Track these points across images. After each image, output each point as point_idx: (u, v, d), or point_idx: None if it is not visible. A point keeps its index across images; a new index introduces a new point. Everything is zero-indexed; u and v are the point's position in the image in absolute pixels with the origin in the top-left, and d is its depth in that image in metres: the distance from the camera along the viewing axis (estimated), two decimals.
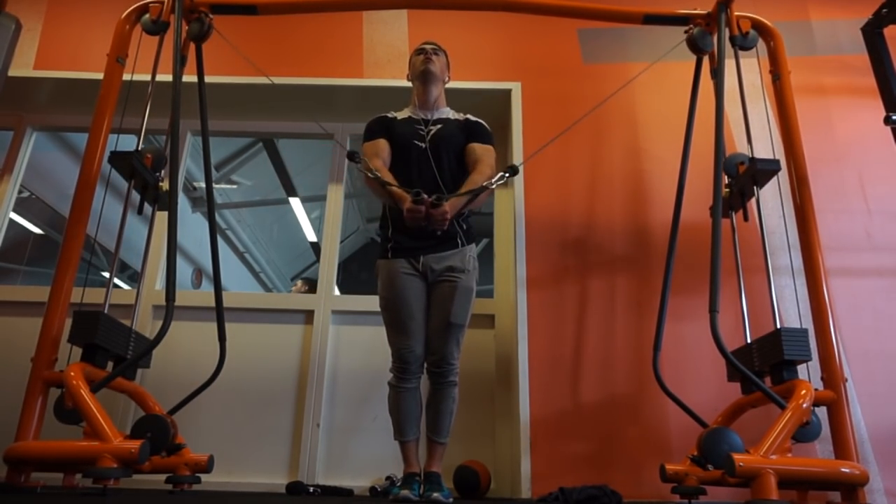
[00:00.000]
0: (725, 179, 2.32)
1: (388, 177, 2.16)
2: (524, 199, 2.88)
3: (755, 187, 2.23)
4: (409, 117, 2.32)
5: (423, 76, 2.31)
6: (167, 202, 2.25)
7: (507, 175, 2.18)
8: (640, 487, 2.41)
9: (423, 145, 2.24)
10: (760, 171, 2.17)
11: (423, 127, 2.29)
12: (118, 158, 2.17)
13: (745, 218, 2.30)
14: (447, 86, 2.43)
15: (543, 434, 2.50)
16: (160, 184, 2.35)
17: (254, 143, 5.19)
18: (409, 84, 2.41)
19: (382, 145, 2.26)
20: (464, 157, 2.28)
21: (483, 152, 2.26)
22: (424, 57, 2.32)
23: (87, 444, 1.74)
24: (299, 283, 3.73)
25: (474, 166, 2.23)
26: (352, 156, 2.14)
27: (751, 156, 2.24)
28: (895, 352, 2.60)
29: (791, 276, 2.57)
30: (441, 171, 2.21)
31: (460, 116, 2.36)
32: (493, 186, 2.16)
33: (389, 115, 2.35)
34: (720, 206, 2.05)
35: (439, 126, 2.28)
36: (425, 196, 2.01)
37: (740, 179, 2.26)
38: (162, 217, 2.34)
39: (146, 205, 2.35)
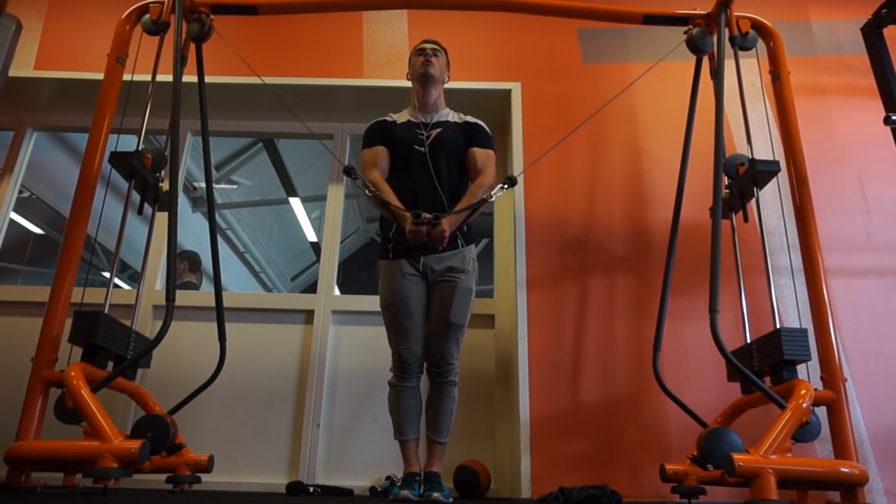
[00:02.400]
0: (725, 180, 2.32)
1: (387, 191, 2.17)
2: (524, 199, 2.88)
3: (755, 188, 2.24)
4: (409, 121, 2.32)
5: (422, 78, 2.30)
6: (167, 202, 2.25)
7: (505, 187, 2.20)
8: (640, 487, 2.41)
9: (423, 150, 2.23)
10: (760, 173, 2.17)
11: (422, 131, 2.28)
12: (118, 158, 2.17)
13: (745, 219, 2.30)
14: (447, 86, 2.43)
15: (543, 434, 2.50)
16: (160, 184, 2.34)
17: (254, 143, 5.19)
18: (409, 84, 2.41)
19: (381, 153, 2.26)
20: (464, 160, 2.28)
21: (484, 158, 2.27)
22: (424, 59, 2.30)
23: (87, 443, 1.74)
24: (182, 263, 3.68)
25: (475, 175, 2.24)
26: (349, 171, 2.16)
27: (750, 157, 2.25)
28: (895, 352, 2.60)
29: (791, 276, 2.57)
30: (440, 176, 2.21)
31: (460, 118, 2.35)
32: (493, 199, 2.18)
33: (388, 118, 2.35)
34: (720, 207, 2.05)
35: (439, 130, 2.28)
36: (426, 215, 2.03)
37: (740, 180, 2.27)
38: (162, 217, 2.34)
39: (146, 205, 2.35)
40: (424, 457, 2.15)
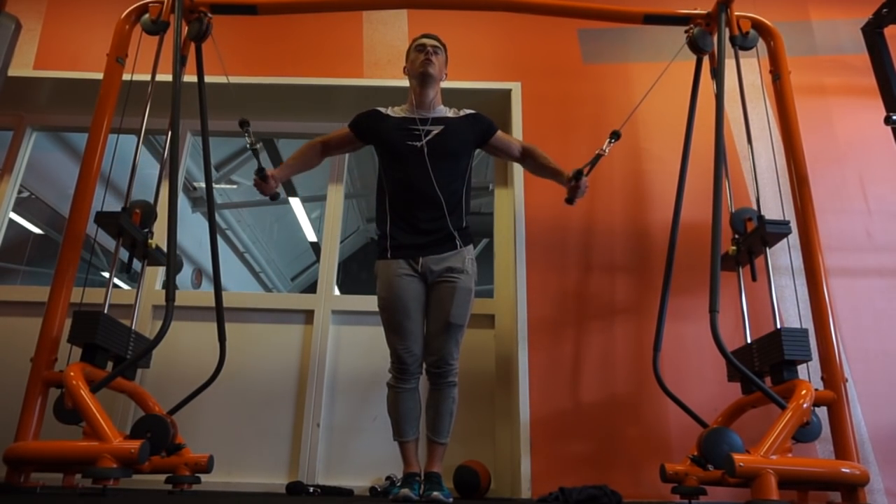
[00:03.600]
0: (731, 232, 2.29)
1: (292, 157, 2.35)
2: (524, 199, 2.88)
3: (765, 248, 2.18)
4: (405, 117, 2.31)
5: (421, 77, 2.28)
6: (157, 258, 2.25)
7: (612, 141, 2.24)
8: (640, 487, 2.41)
9: (419, 145, 2.23)
10: (770, 234, 2.11)
11: (418, 127, 2.27)
12: (105, 219, 2.11)
13: (754, 278, 2.20)
14: (447, 85, 2.42)
15: (543, 434, 2.50)
16: (149, 241, 2.26)
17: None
18: (408, 84, 2.39)
19: (342, 135, 2.37)
20: (464, 156, 2.28)
21: (507, 137, 2.43)
22: (424, 57, 2.27)
23: (86, 444, 1.74)
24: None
25: (517, 152, 2.40)
26: (241, 124, 2.21)
27: (759, 213, 2.19)
28: (895, 352, 2.60)
29: (791, 276, 2.57)
30: (436, 173, 2.20)
31: (455, 113, 2.34)
32: (607, 153, 2.23)
33: (383, 110, 2.34)
34: (720, 207, 2.04)
35: (441, 127, 2.27)
36: (268, 171, 2.19)
37: (748, 238, 2.21)
38: (162, 218, 2.34)
39: (136, 260, 2.29)
40: (424, 457, 2.15)
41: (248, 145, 2.18)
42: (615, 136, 2.21)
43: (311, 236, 6.88)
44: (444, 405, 2.13)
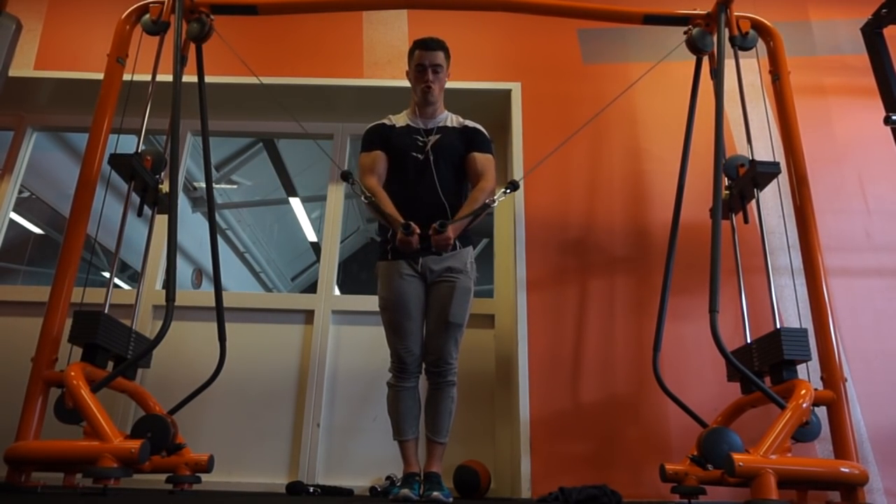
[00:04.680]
0: (725, 181, 2.32)
1: (383, 198, 2.18)
2: (524, 199, 2.88)
3: (755, 189, 2.23)
4: (408, 125, 2.32)
5: (421, 97, 2.30)
6: (167, 204, 2.25)
7: (507, 191, 2.23)
8: (640, 487, 2.41)
9: (422, 156, 2.24)
10: (760, 174, 2.17)
11: (421, 137, 2.28)
12: (118, 160, 2.17)
13: (746, 220, 2.30)
14: (448, 85, 2.41)
15: (543, 434, 2.50)
16: (160, 186, 2.34)
17: (254, 143, 5.19)
18: (409, 84, 2.40)
19: (379, 157, 2.27)
20: (462, 166, 2.29)
21: (484, 163, 2.28)
22: (424, 85, 2.27)
23: (87, 443, 1.74)
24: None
25: (475, 180, 2.25)
26: (346, 176, 2.17)
27: (751, 157, 2.24)
28: (895, 352, 2.60)
29: (791, 276, 2.57)
30: (441, 181, 2.21)
31: (458, 123, 2.35)
32: (495, 205, 2.21)
33: (387, 121, 2.35)
34: (720, 207, 2.05)
35: (438, 136, 2.28)
36: (414, 227, 2.05)
37: (740, 182, 2.26)
38: (162, 218, 2.34)
39: (146, 207, 2.34)
40: (424, 457, 2.15)
41: (364, 201, 2.16)
42: (512, 186, 2.24)
43: (311, 236, 6.89)
44: (443, 404, 2.13)
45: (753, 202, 2.27)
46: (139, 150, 2.27)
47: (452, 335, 2.14)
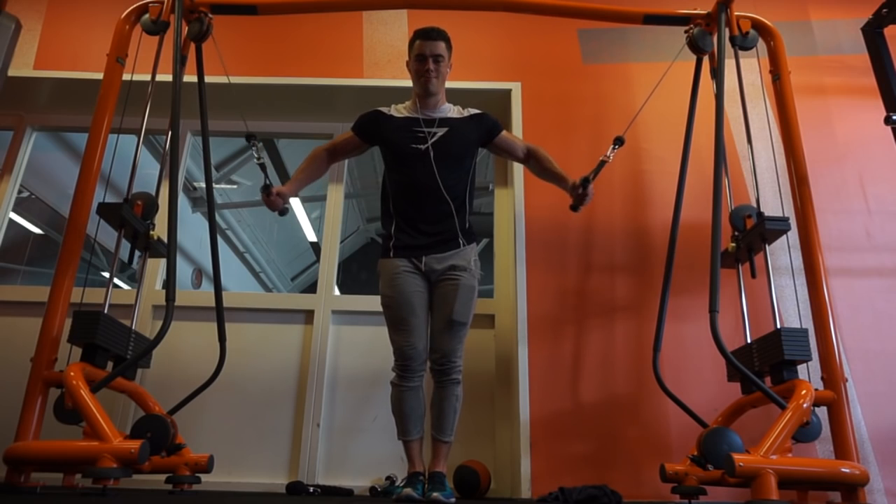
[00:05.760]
0: (732, 231, 2.30)
1: (300, 169, 2.32)
2: (524, 199, 2.88)
3: (764, 244, 2.18)
4: (408, 117, 2.29)
5: (422, 89, 2.28)
6: (158, 250, 2.24)
7: (615, 147, 2.17)
8: (640, 487, 2.41)
9: (424, 147, 2.22)
10: (769, 231, 2.12)
11: (423, 128, 2.26)
12: (107, 210, 2.12)
13: (753, 275, 2.22)
14: (448, 85, 2.41)
15: (543, 434, 2.50)
16: (151, 232, 2.26)
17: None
18: (410, 84, 2.39)
19: (346, 140, 2.35)
20: (469, 157, 2.28)
21: (513, 137, 2.43)
22: (425, 77, 2.25)
23: (87, 444, 1.74)
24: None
25: (522, 153, 2.39)
26: (248, 138, 2.18)
27: (758, 210, 2.21)
28: (895, 352, 2.60)
29: (791, 276, 2.57)
30: (441, 174, 2.19)
31: (459, 112, 2.33)
32: (611, 159, 2.17)
33: (386, 111, 2.32)
34: (720, 207, 2.04)
35: (445, 129, 2.26)
36: (273, 187, 2.17)
37: (748, 235, 2.21)
38: (162, 216, 2.34)
39: (137, 252, 2.30)
40: (427, 456, 2.15)
41: (255, 160, 2.17)
42: (619, 142, 2.15)
43: (311, 236, 6.88)
44: (448, 403, 2.13)
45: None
46: (128, 198, 2.22)
47: (457, 333, 2.13)
